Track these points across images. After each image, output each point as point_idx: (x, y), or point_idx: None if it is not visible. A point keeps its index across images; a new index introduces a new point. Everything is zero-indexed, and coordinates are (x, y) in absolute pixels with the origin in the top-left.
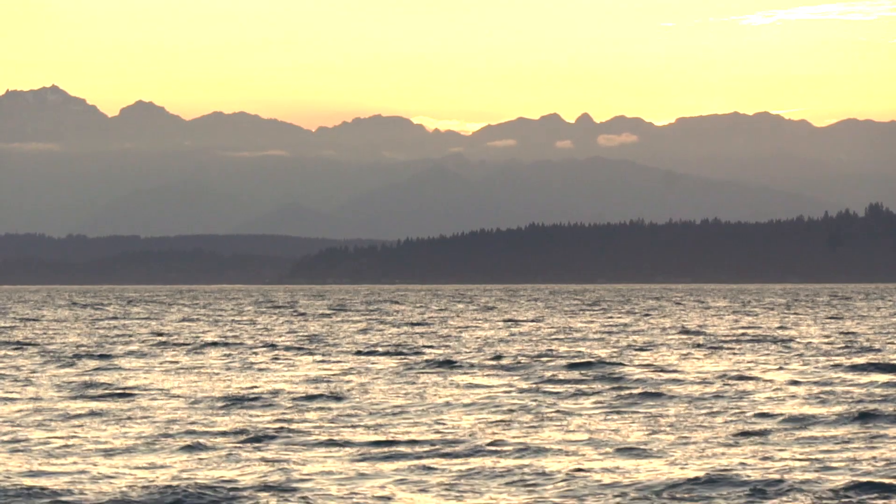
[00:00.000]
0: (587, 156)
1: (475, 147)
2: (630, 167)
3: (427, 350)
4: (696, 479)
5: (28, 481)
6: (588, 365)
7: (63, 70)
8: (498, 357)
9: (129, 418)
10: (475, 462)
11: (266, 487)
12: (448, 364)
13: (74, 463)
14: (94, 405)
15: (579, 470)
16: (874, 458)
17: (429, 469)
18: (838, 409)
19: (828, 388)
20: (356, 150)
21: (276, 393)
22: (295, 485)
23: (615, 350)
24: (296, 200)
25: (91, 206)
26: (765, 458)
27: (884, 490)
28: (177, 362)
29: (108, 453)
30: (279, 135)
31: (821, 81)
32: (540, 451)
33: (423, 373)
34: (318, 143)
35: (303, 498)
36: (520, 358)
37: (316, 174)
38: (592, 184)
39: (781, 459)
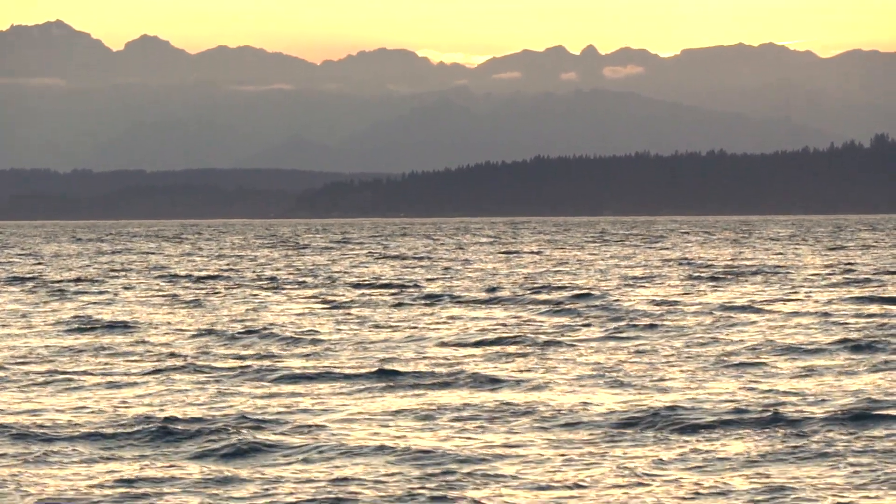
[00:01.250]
0: (592, 88)
1: (480, 79)
2: (635, 99)
3: (426, 283)
4: (685, 406)
5: (25, 418)
6: (586, 296)
7: (68, 4)
8: (493, 289)
9: (125, 353)
10: (468, 395)
11: (258, 420)
12: (445, 297)
13: (70, 396)
14: (91, 339)
15: (574, 401)
16: (867, 387)
17: (421, 403)
18: (834, 339)
19: (826, 320)
20: (361, 84)
21: (271, 326)
22: (289, 417)
23: (615, 282)
24: (301, 134)
25: (96, 141)
26: (755, 388)
27: (875, 420)
28: (176, 295)
29: (103, 386)
30: (284, 68)
31: (826, 12)
32: (533, 383)
33: (420, 306)
34: (323, 77)
35: (297, 429)
36: (517, 290)
37: (321, 107)
38: (597, 116)
39: (772, 389)
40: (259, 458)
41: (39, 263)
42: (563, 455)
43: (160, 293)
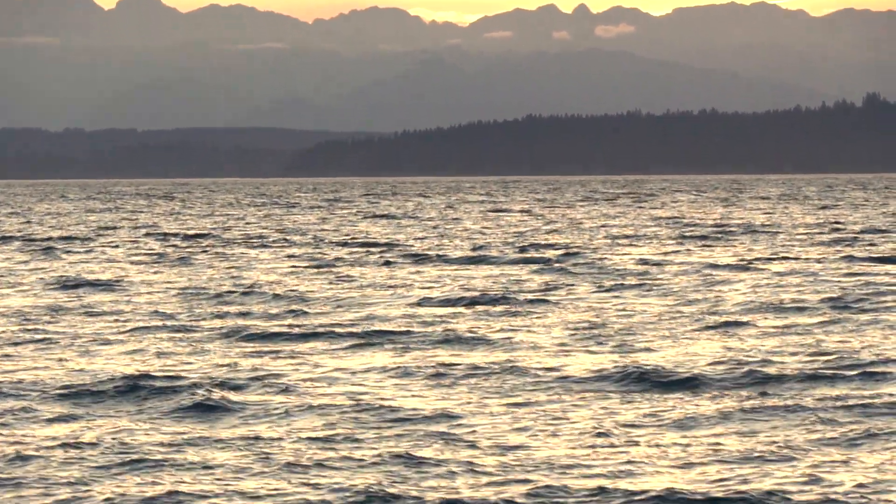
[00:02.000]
0: (584, 47)
1: (472, 39)
2: (627, 58)
3: (414, 242)
4: (668, 365)
5: (9, 376)
6: (574, 255)
7: None
8: (480, 248)
9: (107, 311)
10: (449, 354)
11: (235, 378)
12: (432, 256)
13: (47, 354)
14: (74, 297)
15: (557, 360)
16: (851, 346)
17: (401, 362)
18: (821, 298)
19: (814, 278)
20: (353, 42)
21: (256, 285)
22: (266, 376)
23: (603, 241)
24: (293, 93)
25: (88, 100)
26: (740, 347)
27: (857, 378)
28: (163, 254)
29: (81, 345)
30: (276, 27)
31: None
32: (516, 341)
33: (406, 265)
34: (316, 36)
35: (273, 388)
36: (505, 249)
37: (313, 67)
38: (589, 75)
39: (757, 347)
40: (233, 416)
41: (28, 222)
42: (543, 413)
43: (148, 252)
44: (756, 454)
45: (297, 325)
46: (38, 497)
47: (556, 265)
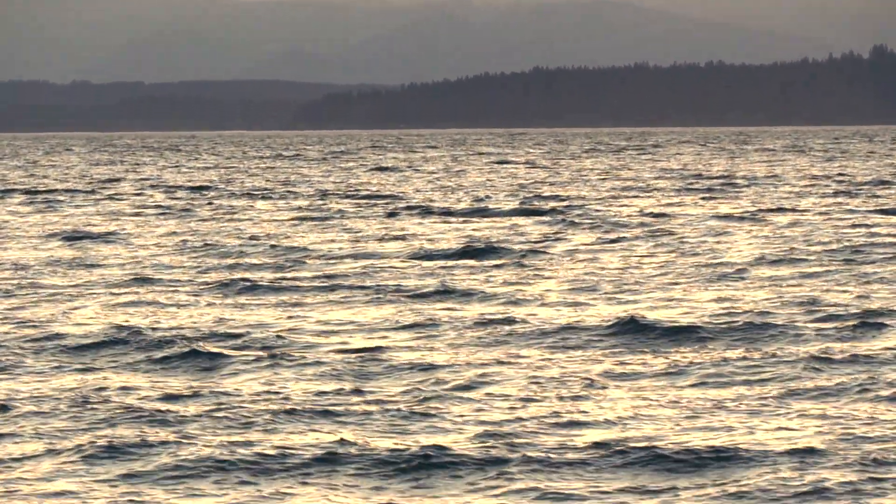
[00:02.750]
0: None
1: None
2: (634, 10)
3: (415, 194)
4: (670, 317)
5: (4, 327)
6: (577, 207)
7: None
8: (482, 199)
9: (104, 263)
10: (448, 307)
11: (227, 331)
12: (434, 208)
13: (40, 307)
14: (73, 249)
15: (558, 312)
16: (854, 298)
17: (397, 315)
18: (824, 250)
19: (818, 230)
20: None
21: (256, 237)
22: (260, 328)
23: (607, 193)
24: (299, 45)
25: (95, 53)
26: (742, 298)
27: (862, 328)
28: (166, 206)
29: (75, 297)
30: None
31: None
32: (517, 293)
33: (408, 216)
34: None
35: (266, 341)
36: (508, 200)
37: (319, 18)
38: (596, 27)
39: (752, 300)
40: (229, 367)
41: (32, 175)
42: (543, 366)
43: (151, 204)
44: (748, 406)
45: (297, 277)
46: (33, 449)
47: (560, 217)
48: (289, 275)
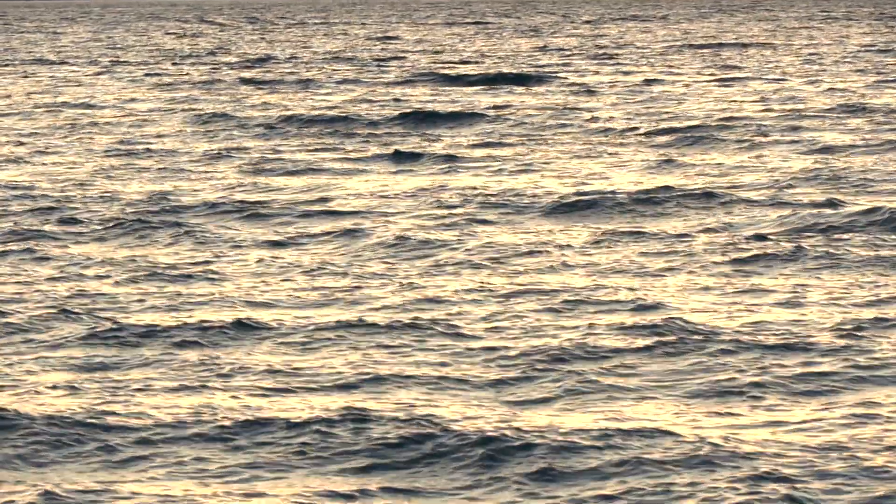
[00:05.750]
0: None
1: None
2: None
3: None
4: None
5: None
6: (534, 79)
7: None
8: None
9: (92, 135)
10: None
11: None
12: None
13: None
14: (55, 118)
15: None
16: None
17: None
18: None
19: (792, 94)
20: None
21: (252, 109)
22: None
23: (578, 61)
24: None
25: None
26: (703, 173)
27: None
28: (156, 75)
29: (73, 167)
30: None
31: None
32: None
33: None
34: None
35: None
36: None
37: None
38: None
39: (719, 169)
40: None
41: (38, 44)
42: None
43: (153, 73)
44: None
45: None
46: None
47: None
48: (268, 152)
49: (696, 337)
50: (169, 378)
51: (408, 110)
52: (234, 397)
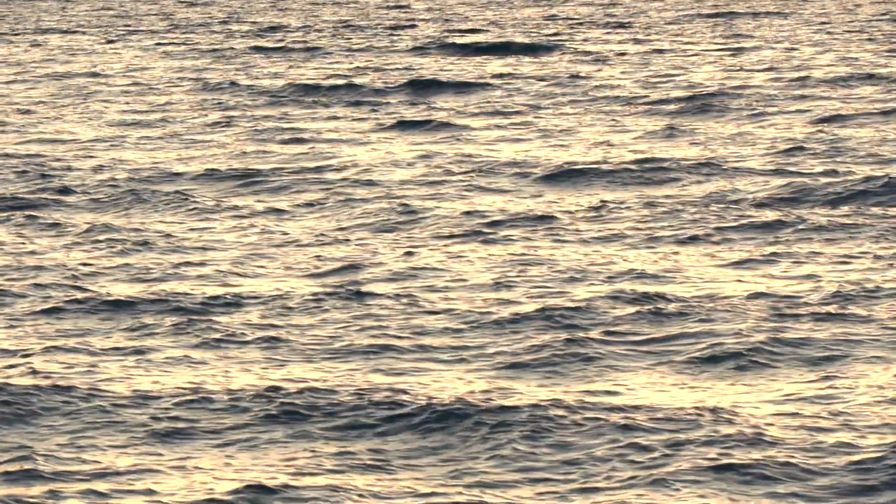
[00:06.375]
0: None
1: None
2: None
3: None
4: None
5: None
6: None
7: None
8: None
9: (98, 104)
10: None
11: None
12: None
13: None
14: (63, 86)
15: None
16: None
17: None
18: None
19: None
20: None
21: (254, 80)
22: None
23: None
24: None
25: None
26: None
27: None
28: (168, 44)
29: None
30: None
31: None
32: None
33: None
34: None
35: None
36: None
37: None
38: None
39: (720, 136)
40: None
41: (50, 13)
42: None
43: (164, 42)
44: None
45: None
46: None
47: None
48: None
49: (694, 305)
50: (159, 348)
51: (416, 78)
52: (225, 369)
